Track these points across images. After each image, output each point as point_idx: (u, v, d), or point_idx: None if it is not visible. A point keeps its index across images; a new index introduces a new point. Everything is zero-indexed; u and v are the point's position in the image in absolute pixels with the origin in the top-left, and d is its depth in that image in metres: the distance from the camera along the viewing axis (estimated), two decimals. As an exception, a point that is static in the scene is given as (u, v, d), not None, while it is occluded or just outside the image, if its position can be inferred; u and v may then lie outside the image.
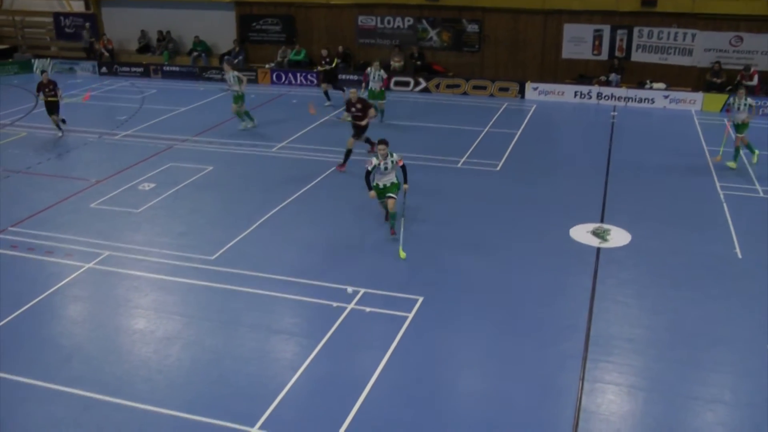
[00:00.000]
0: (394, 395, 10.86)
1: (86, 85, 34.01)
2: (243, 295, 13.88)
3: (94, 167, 21.87)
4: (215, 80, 33.78)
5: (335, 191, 19.18)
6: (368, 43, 33.62)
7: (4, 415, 10.80)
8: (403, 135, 24.25)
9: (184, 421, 10.44)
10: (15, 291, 14.48)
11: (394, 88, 31.48)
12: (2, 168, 21.98)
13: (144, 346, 12.45)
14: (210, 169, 21.03)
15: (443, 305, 13.27)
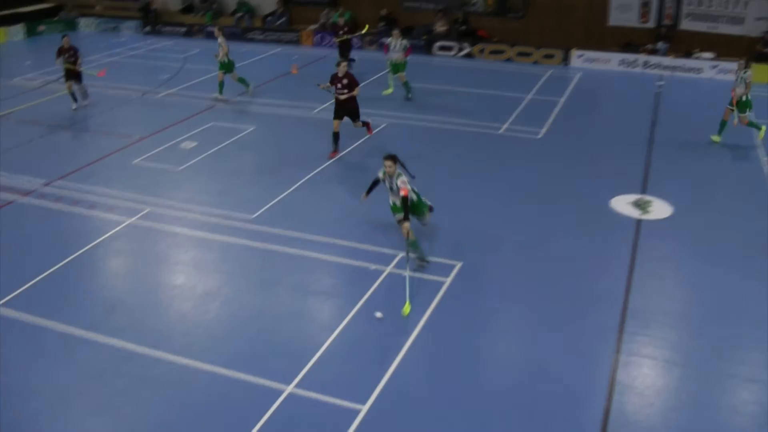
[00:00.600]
0: (428, 359, 10.91)
1: (130, 44, 34.29)
2: (282, 255, 13.98)
3: (136, 124, 22.04)
4: (257, 41, 33.79)
5: (377, 153, 19.09)
6: (412, 7, 33.26)
7: (50, 362, 11.08)
8: (443, 100, 24.16)
9: (221, 376, 10.59)
10: (59, 243, 14.77)
11: (437, 53, 31.27)
12: (47, 123, 22.23)
13: (184, 302, 12.63)
14: (251, 129, 21.10)
15: (480, 272, 13.27)
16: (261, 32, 34.24)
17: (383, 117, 21.71)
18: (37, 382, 10.73)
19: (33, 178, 17.85)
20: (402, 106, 22.73)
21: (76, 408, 10.20)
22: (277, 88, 25.48)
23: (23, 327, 11.99)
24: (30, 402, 10.32)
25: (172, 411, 10.00)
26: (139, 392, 10.37)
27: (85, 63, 25.41)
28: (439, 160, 18.61)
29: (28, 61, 31.64)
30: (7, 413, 10.08)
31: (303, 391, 10.17)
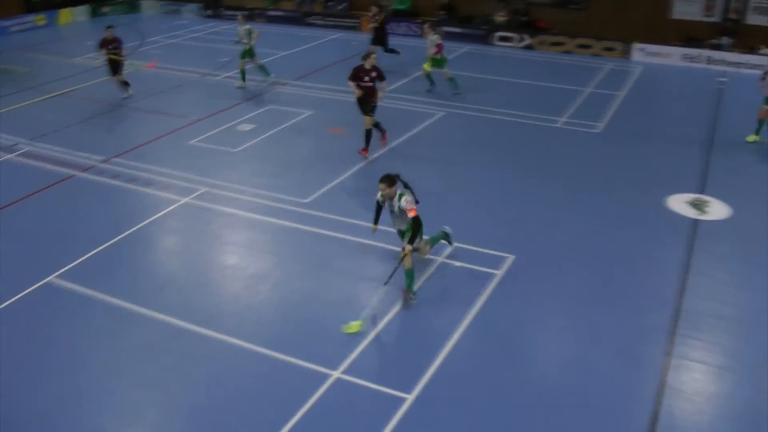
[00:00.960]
0: (475, 351, 10.84)
1: (191, 27, 34.59)
2: (334, 240, 14.00)
3: (194, 106, 22.25)
4: (317, 26, 33.84)
5: (433, 142, 19.07)
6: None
7: (101, 335, 11.30)
8: (502, 91, 23.98)
9: (268, 358, 10.65)
10: (115, 219, 15.02)
11: (497, 44, 31.00)
12: (107, 102, 22.55)
13: (234, 282, 12.73)
14: (308, 114, 21.16)
15: (532, 266, 13.12)
16: (321, 17, 34.28)
17: (440, 107, 21.62)
18: (88, 354, 10.93)
19: (92, 155, 18.16)
20: (459, 97, 22.60)
21: (125, 381, 10.35)
22: (335, 74, 25.47)
23: (77, 299, 12.24)
24: (81, 373, 10.51)
25: (219, 389, 10.09)
26: (186, 369, 10.50)
27: (147, 44, 25.67)
28: (494, 151, 18.48)
29: (91, 41, 32.04)
30: (59, 384, 10.28)
31: (349, 377, 10.17)
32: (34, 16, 35.08)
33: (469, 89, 23.68)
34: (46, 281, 12.74)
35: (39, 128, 20.34)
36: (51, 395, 10.10)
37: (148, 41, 31.67)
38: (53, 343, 11.20)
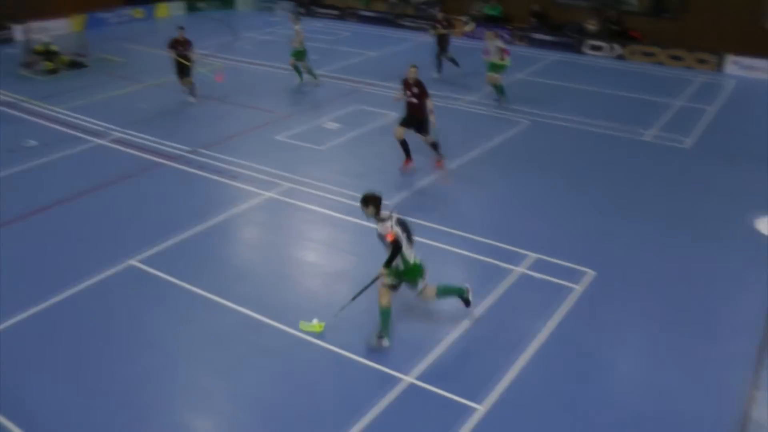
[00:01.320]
0: (550, 367, 10.60)
1: (284, 24, 34.88)
2: (415, 244, 13.90)
3: (282, 102, 22.49)
4: (408, 28, 33.86)
5: (517, 150, 18.85)
6: (565, 4, 32.49)
7: (177, 321, 11.51)
8: (590, 100, 23.56)
9: (341, 357, 10.64)
10: (198, 208, 15.27)
11: (587, 52, 30.49)
12: (198, 94, 22.94)
13: (312, 279, 12.78)
14: (395, 115, 21.09)
15: (614, 283, 12.76)
16: (413, 19, 34.29)
17: (526, 115, 21.39)
18: (165, 337, 11.15)
19: (180, 145, 18.49)
20: (546, 105, 22.27)
21: (198, 368, 10.49)
22: (424, 76, 25.27)
23: (157, 283, 12.49)
24: (156, 356, 10.71)
25: (289, 384, 10.12)
26: (258, 361, 10.57)
27: (241, 39, 25.98)
28: (579, 162, 18.16)
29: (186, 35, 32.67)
30: (134, 365, 10.49)
31: (420, 383, 10.07)
32: (132, 9, 35.95)
33: (558, 98, 23.39)
34: (129, 263, 13.04)
35: (131, 116, 20.83)
36: (127, 374, 10.31)
37: (242, 37, 32.13)
38: (133, 323, 11.45)
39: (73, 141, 19.03)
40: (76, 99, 22.67)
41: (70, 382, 10.18)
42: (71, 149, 18.52)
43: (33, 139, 19.04)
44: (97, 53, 28.34)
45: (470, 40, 31.74)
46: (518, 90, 24.14)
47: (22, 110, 21.69)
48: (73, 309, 11.84)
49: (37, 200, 15.64)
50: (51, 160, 17.87)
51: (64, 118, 20.79)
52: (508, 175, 17.23)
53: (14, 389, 10.05)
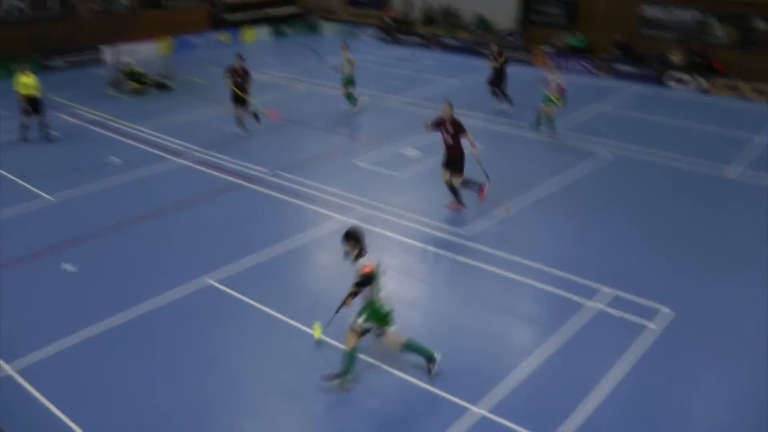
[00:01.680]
0: (621, 406, 10.29)
1: (367, 50, 35.19)
2: (490, 275, 13.77)
3: (364, 127, 22.60)
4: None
5: (601, 182, 18.51)
6: (649, 35, 31.97)
7: (251, 341, 11.61)
8: (671, 134, 22.98)
9: (411, 385, 10.57)
10: (276, 230, 15.45)
11: (670, 84, 29.81)
12: (247, 128, 23.14)
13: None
14: (476, 144, 20.97)
15: (691, 322, 12.35)
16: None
17: (607, 146, 21.01)
18: (236, 357, 11.25)
19: (260, 167, 18.69)
20: (627, 137, 21.86)
21: (268, 389, 10.55)
22: (497, 105, 25.28)
23: (232, 303, 12.66)
24: (228, 374, 10.82)
25: (359, 411, 10.08)
26: (330, 384, 10.52)
27: (324, 66, 26.17)
28: (660, 197, 17.69)
29: (270, 58, 33.30)
30: (204, 382, 10.63)
31: (489, 414, 9.93)
32: (219, 33, 36.66)
33: (639, 131, 22.93)
34: (205, 282, 13.25)
35: (213, 137, 21.18)
36: (196, 391, 10.43)
37: (325, 61, 32.47)
38: (207, 341, 11.61)
39: (155, 160, 19.42)
40: (160, 119, 23.18)
41: (140, 396, 10.36)
42: (153, 168, 18.91)
43: (117, 157, 19.47)
44: (182, 75, 28.95)
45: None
46: (599, 122, 23.83)
47: (108, 128, 22.27)
48: (148, 324, 12.07)
49: (119, 216, 16.00)
50: (133, 177, 18.28)
51: (147, 138, 21.25)
52: (586, 208, 16.94)
53: (87, 401, 10.26)
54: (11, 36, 29.64)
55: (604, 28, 32.66)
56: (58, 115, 23.53)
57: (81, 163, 18.99)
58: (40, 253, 14.37)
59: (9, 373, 10.80)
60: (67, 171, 18.51)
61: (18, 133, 21.06)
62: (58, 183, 17.69)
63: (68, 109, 24.32)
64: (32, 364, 10.99)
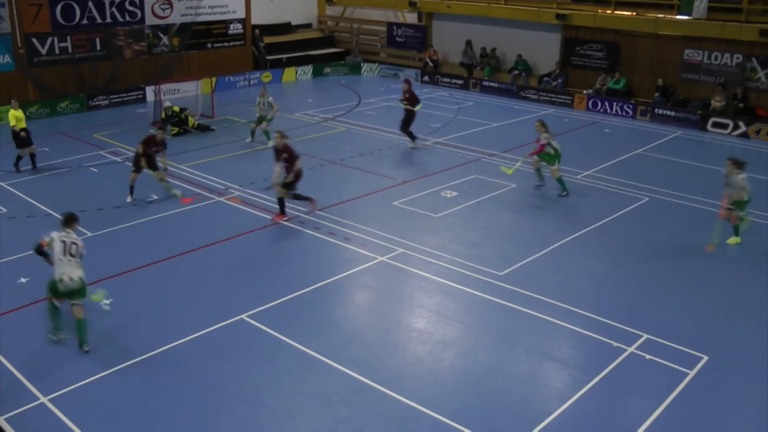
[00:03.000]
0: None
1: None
2: (525, 316, 13.66)
3: (402, 168, 22.64)
4: (531, 100, 33.79)
5: (638, 227, 18.33)
6: (691, 79, 31.73)
7: (284, 378, 11.57)
8: (710, 180, 22.60)
9: (445, 426, 10.46)
10: (311, 268, 15.54)
11: (710, 130, 29.46)
12: (319, 157, 23.37)
13: (420, 345, 12.64)
14: (512, 187, 20.96)
15: (729, 370, 12.10)
16: (535, 92, 34.23)
17: (644, 190, 20.78)
18: (270, 392, 11.25)
19: (297, 206, 18.74)
20: (666, 181, 21.59)
21: (301, 426, 10.51)
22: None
23: (265, 339, 12.69)
24: (258, 410, 10.81)
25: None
26: (362, 424, 10.50)
27: (363, 105, 26.32)
28: (697, 242, 17.40)
29: (311, 99, 33.63)
30: (235, 418, 10.64)
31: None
32: (261, 73, 37.12)
33: (678, 175, 22.66)
34: (239, 318, 13.32)
35: (250, 176, 21.32)
36: (227, 427, 10.45)
37: (365, 102, 32.70)
38: (239, 376, 11.62)
39: (194, 197, 19.55)
40: (199, 157, 23.46)
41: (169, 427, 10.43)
42: (191, 205, 19.04)
43: (155, 194, 19.67)
44: (223, 114, 29.28)
45: (592, 113, 31.46)
46: (637, 165, 23.66)
47: (149, 166, 22.51)
48: (181, 358, 12.16)
49: (157, 251, 16.18)
50: (172, 215, 18.43)
51: (187, 175, 21.48)
52: (622, 252, 16.74)
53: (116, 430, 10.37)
54: (58, 75, 30.25)
55: (646, 71, 32.57)
56: (101, 153, 23.95)
57: (120, 200, 19.18)
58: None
59: (42, 400, 10.92)
60: (107, 208, 18.72)
61: (14, 165, 21.98)
62: (98, 220, 17.90)
63: (110, 147, 24.68)
64: (64, 393, 11.11)
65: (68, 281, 11.89)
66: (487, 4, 36.46)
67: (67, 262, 11.93)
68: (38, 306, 13.64)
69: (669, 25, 31.20)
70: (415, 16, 41.13)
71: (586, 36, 34.16)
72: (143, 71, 33.00)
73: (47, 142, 25.18)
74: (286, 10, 43.05)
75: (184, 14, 34.33)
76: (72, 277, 11.91)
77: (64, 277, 11.87)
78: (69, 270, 11.92)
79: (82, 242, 12.39)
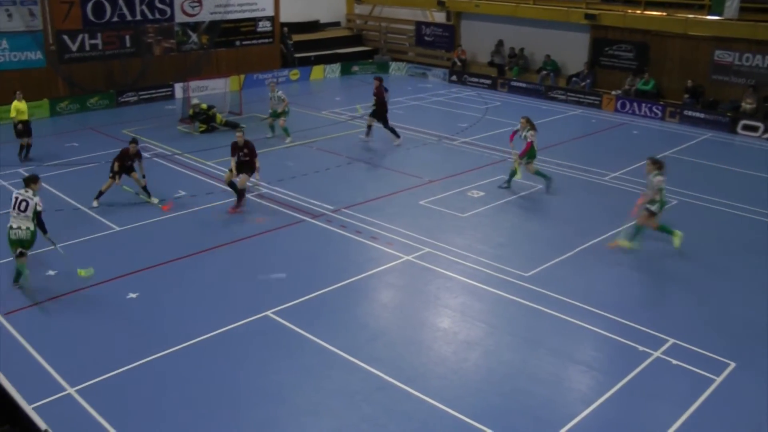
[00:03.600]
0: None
1: (435, 91, 35.32)
2: (550, 318, 13.61)
3: (428, 167, 22.60)
4: (559, 100, 33.63)
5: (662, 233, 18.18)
6: (721, 80, 31.34)
7: (307, 375, 11.62)
8: (738, 182, 22.41)
9: (467, 426, 10.45)
10: (337, 266, 15.56)
11: (741, 132, 29.14)
12: (346, 155, 23.41)
13: (445, 345, 12.64)
14: (539, 188, 20.88)
15: (757, 378, 11.96)
16: (563, 92, 34.06)
17: (673, 193, 20.58)
18: (292, 389, 11.31)
19: (324, 203, 18.81)
20: (694, 185, 21.38)
21: (323, 424, 10.54)
22: (571, 150, 25.09)
23: (290, 336, 12.75)
24: (281, 407, 10.88)
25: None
26: (385, 422, 10.52)
27: (391, 104, 26.26)
28: (725, 246, 17.28)
29: (338, 97, 33.66)
30: (257, 413, 10.70)
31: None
32: (289, 71, 37.22)
33: (707, 179, 22.45)
34: (264, 315, 13.39)
35: (278, 173, 21.39)
36: (249, 422, 10.53)
37: (394, 101, 32.66)
38: (262, 372, 11.69)
39: (220, 194, 19.68)
40: (226, 154, 23.45)
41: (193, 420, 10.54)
42: (218, 201, 19.16)
43: (183, 190, 19.81)
44: (250, 111, 29.38)
45: (620, 114, 31.24)
46: (667, 168, 23.31)
47: (176, 162, 22.70)
48: (205, 353, 12.25)
49: (183, 247, 16.28)
50: (198, 210, 18.55)
51: (214, 172, 21.58)
52: (650, 255, 16.61)
53: (140, 422, 10.50)
54: (88, 71, 30.50)
55: (675, 72, 32.27)
56: (129, 148, 24.07)
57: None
58: (107, 281, 14.66)
59: (69, 391, 11.07)
60: (135, 203, 18.85)
61: (18, 154, 22.75)
62: (125, 215, 18.06)
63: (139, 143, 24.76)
64: (90, 384, 11.25)
65: (16, 230, 13.88)
66: (516, 4, 36.31)
67: (15, 215, 13.89)
68: (67, 298, 13.87)
69: (699, 25, 30.89)
70: (444, 15, 41.05)
71: (616, 36, 33.91)
72: (172, 68, 33.18)
73: (76, 137, 25.48)
74: (315, 9, 43.18)
75: (214, 12, 34.50)
76: (20, 227, 13.88)
77: (13, 226, 13.91)
78: (17, 222, 13.87)
79: (38, 200, 14.01)
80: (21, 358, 11.95)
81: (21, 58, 28.79)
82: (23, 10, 28.42)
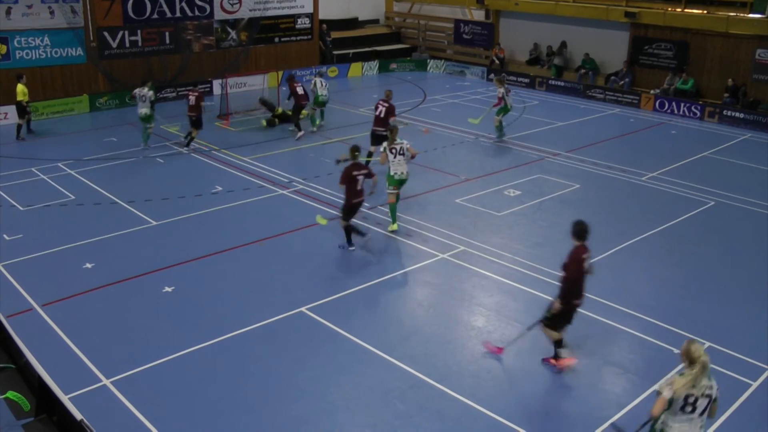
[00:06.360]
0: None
1: (474, 88, 35.22)
2: (584, 318, 13.43)
3: (466, 166, 22.55)
4: (598, 99, 33.37)
5: (703, 231, 17.99)
6: (762, 80, 30.78)
7: (342, 371, 11.68)
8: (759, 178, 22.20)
9: (501, 425, 10.44)
10: (372, 263, 15.67)
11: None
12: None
13: (479, 344, 12.60)
14: (576, 187, 20.75)
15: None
16: (601, 91, 33.79)
17: (711, 194, 20.37)
18: (326, 385, 11.35)
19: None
20: (733, 186, 21.07)
21: (357, 420, 10.58)
22: (610, 150, 24.89)
23: (325, 333, 12.79)
24: (315, 403, 10.92)
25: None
26: (418, 420, 10.52)
27: (428, 101, 26.28)
28: (760, 249, 16.98)
29: (376, 94, 33.63)
30: (291, 409, 10.77)
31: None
32: (327, 68, 37.28)
33: (746, 180, 22.11)
34: (299, 310, 13.46)
35: (315, 170, 21.45)
36: (283, 417, 10.59)
37: (431, 99, 32.64)
38: (297, 368, 11.75)
39: (256, 189, 19.81)
40: (263, 150, 23.71)
41: (226, 413, 10.61)
42: (254, 197, 19.29)
43: (220, 186, 19.94)
44: (288, 107, 29.43)
45: (659, 114, 30.91)
46: (705, 168, 23.18)
47: (213, 158, 22.86)
48: (240, 348, 12.34)
49: (219, 242, 16.40)
50: (235, 205, 18.70)
51: (251, 168, 21.71)
52: (686, 257, 16.45)
53: (173, 414, 10.61)
54: (128, 67, 30.82)
55: (715, 71, 31.87)
56: (167, 144, 24.30)
57: (185, 190, 19.49)
58: (144, 274, 14.82)
59: (105, 382, 11.23)
60: (172, 198, 19.02)
61: (16, 132, 24.87)
62: (162, 209, 18.24)
63: (176, 138, 25.03)
64: (126, 376, 11.40)
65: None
66: (555, 2, 36.03)
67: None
68: (103, 290, 14.05)
69: (741, 23, 30.45)
70: (483, 13, 40.90)
71: (655, 35, 33.52)
72: (211, 65, 33.47)
73: (115, 132, 25.82)
74: (354, 6, 43.27)
75: (253, 9, 34.67)
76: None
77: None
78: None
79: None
80: (58, 349, 12.14)
81: (62, 55, 29.19)
82: (65, 8, 28.80)
